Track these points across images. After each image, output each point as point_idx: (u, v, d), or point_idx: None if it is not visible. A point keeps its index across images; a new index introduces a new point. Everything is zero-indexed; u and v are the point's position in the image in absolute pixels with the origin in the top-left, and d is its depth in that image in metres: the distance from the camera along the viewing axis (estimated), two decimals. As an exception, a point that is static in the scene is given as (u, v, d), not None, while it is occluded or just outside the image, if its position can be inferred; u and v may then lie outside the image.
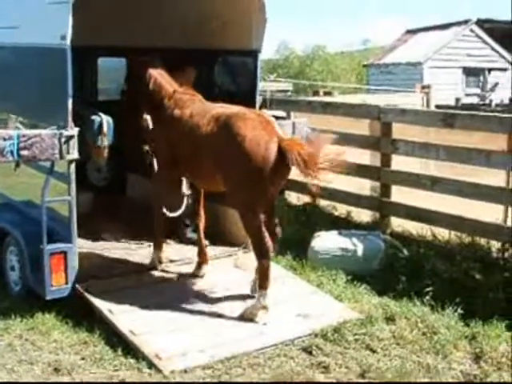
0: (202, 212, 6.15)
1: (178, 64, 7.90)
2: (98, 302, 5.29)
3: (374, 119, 7.90)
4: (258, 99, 6.77)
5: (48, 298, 5.38)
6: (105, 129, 5.72)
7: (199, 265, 6.09)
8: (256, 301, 5.27)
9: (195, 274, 6.03)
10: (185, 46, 7.28)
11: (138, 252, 6.51)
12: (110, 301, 5.31)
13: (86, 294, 5.39)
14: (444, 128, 7.13)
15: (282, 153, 5.03)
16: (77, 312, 5.35)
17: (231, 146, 5.15)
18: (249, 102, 6.57)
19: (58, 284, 5.40)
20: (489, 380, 4.38)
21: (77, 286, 5.47)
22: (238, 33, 6.72)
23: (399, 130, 7.74)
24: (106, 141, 5.75)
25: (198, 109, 5.73)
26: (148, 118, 6.14)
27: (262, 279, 5.26)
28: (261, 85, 7.16)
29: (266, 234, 5.21)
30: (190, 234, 6.85)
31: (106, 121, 5.75)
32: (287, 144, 5.06)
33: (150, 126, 6.11)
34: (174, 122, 5.79)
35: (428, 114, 8.11)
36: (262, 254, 5.23)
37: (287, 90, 23.84)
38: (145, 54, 8.25)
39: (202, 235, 6.12)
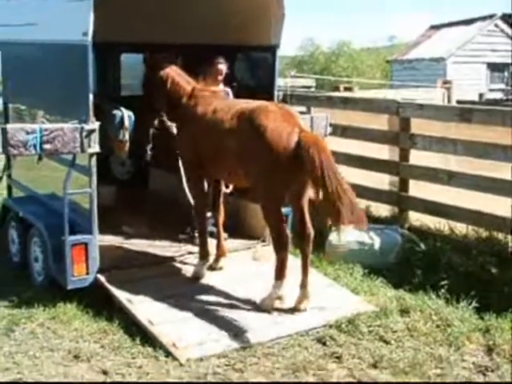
0: (221, 206, 6.21)
1: (197, 60, 8.07)
2: (117, 292, 5.42)
3: (393, 114, 7.92)
4: (277, 94, 6.85)
5: (69, 287, 5.53)
6: (126, 123, 5.87)
7: (217, 258, 6.15)
8: (272, 291, 5.32)
9: (213, 267, 6.09)
10: (205, 41, 7.37)
11: (159, 244, 6.62)
12: (129, 291, 5.44)
13: (107, 284, 5.53)
14: (461, 123, 7.15)
15: (299, 144, 5.02)
16: (97, 302, 5.47)
17: (253, 138, 5.17)
18: (267, 97, 6.65)
19: (79, 274, 5.54)
20: (500, 372, 4.42)
21: (97, 276, 5.60)
22: (257, 28, 6.79)
23: (419, 126, 7.77)
24: (127, 135, 5.90)
25: (222, 105, 5.73)
26: (172, 124, 6.23)
27: (279, 270, 5.31)
28: (283, 81, 7.24)
29: (286, 226, 5.26)
30: (210, 228, 6.92)
31: (127, 115, 5.90)
32: (304, 135, 5.07)
33: (174, 131, 6.20)
34: (198, 120, 5.78)
35: (445, 109, 8.12)
36: (280, 246, 5.28)
37: (310, 86, 23.80)
38: (165, 50, 8.44)
39: (221, 229, 6.19)
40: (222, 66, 6.64)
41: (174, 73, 6.08)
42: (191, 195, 6.29)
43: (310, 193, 5.30)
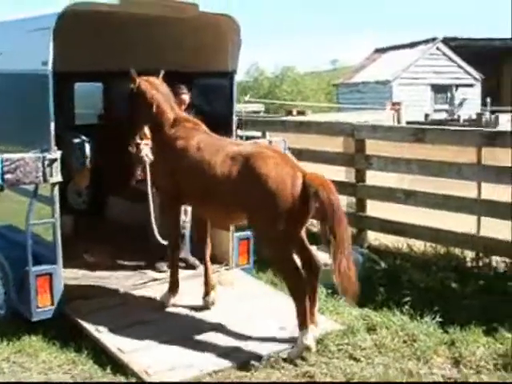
0: (208, 241, 5.94)
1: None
2: (84, 322, 5.36)
3: (348, 136, 8.10)
4: (235, 120, 6.93)
5: (34, 319, 5.42)
6: (87, 151, 5.85)
7: (207, 293, 5.88)
8: (299, 342, 5.02)
9: (206, 304, 5.83)
10: (161, 68, 7.42)
11: (122, 272, 6.57)
12: (96, 320, 5.38)
13: (73, 315, 5.46)
14: (415, 143, 7.36)
15: (306, 187, 4.89)
16: (64, 333, 5.40)
17: (256, 187, 4.94)
18: (225, 122, 6.74)
19: (43, 305, 5.45)
20: (469, 383, 4.54)
21: (63, 306, 5.53)
22: (214, 54, 6.87)
23: (373, 147, 7.95)
24: (87, 163, 5.88)
25: (206, 142, 5.49)
26: (147, 150, 6.06)
27: (302, 318, 5.00)
28: (237, 106, 7.31)
29: (301, 271, 5.03)
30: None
31: (87, 143, 5.89)
32: (309, 177, 4.93)
33: (149, 158, 6.04)
34: (179, 154, 5.53)
35: (399, 130, 8.36)
36: (299, 293, 4.99)
37: (259, 111, 24.07)
38: (121, 78, 8.47)
39: (209, 263, 5.95)
40: (185, 96, 6.63)
41: (160, 97, 5.80)
42: (167, 227, 6.00)
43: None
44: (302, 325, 5.00)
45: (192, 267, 6.66)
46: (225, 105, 6.94)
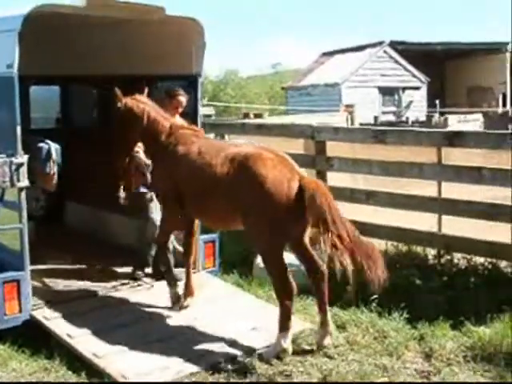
0: (192, 246, 6.03)
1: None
2: (55, 328, 5.30)
3: (308, 138, 8.19)
4: (200, 122, 6.93)
5: (1, 327, 5.33)
6: (53, 156, 5.78)
7: (184, 296, 5.90)
8: (276, 342, 5.05)
9: (181, 306, 5.84)
10: (122, 72, 7.37)
11: (88, 277, 6.52)
12: (67, 326, 5.34)
13: (43, 321, 5.39)
14: (376, 144, 7.50)
15: (301, 190, 4.90)
16: (33, 340, 5.31)
17: (252, 187, 4.97)
18: (191, 124, 6.73)
19: (11, 313, 5.38)
20: (441, 375, 4.66)
21: (32, 313, 5.45)
22: (177, 58, 6.85)
23: (333, 148, 8.06)
24: (54, 168, 5.81)
25: (206, 146, 5.50)
26: (141, 155, 6.11)
27: (284, 321, 5.04)
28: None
29: (289, 275, 5.08)
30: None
31: (54, 148, 5.82)
32: (305, 182, 4.96)
33: (147, 162, 6.05)
34: (179, 160, 5.53)
35: (360, 132, 8.48)
36: (285, 296, 5.04)
37: (210, 115, 24.06)
38: (81, 82, 8.37)
39: (191, 269, 6.00)
40: (183, 98, 6.47)
41: (149, 108, 5.85)
42: (160, 229, 5.99)
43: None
44: (283, 327, 5.03)
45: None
46: (190, 108, 6.94)
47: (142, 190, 6.43)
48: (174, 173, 5.55)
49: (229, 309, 5.92)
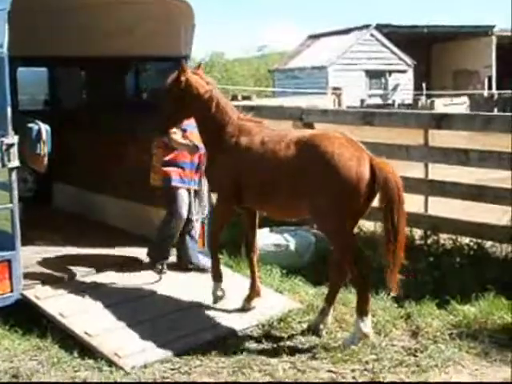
0: (255, 243, 5.73)
1: (102, 73, 8.05)
2: (47, 307, 5.34)
3: (297, 120, 8.24)
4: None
5: (-6, 306, 5.37)
6: (44, 136, 5.79)
7: (250, 297, 5.64)
8: (356, 328, 4.93)
9: (245, 307, 5.60)
10: (110, 54, 7.36)
11: (79, 257, 6.55)
12: (59, 305, 5.38)
13: (35, 300, 5.42)
14: (364, 126, 7.56)
15: (374, 171, 4.75)
16: (25, 320, 5.35)
17: (319, 166, 4.79)
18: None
19: (3, 292, 5.41)
20: (428, 352, 4.76)
21: (23, 292, 5.48)
22: (166, 39, 6.85)
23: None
24: (45, 148, 5.81)
25: (270, 135, 5.25)
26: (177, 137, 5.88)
27: (362, 304, 4.92)
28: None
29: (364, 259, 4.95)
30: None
31: (44, 129, 5.82)
32: (378, 163, 4.82)
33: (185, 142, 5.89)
34: (242, 151, 5.26)
35: (348, 114, 8.54)
36: (362, 277, 4.90)
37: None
38: (67, 64, 8.35)
39: (256, 268, 5.75)
40: None
41: (218, 94, 5.43)
42: (212, 222, 5.95)
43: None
44: (362, 311, 4.91)
45: (202, 270, 6.34)
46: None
47: (177, 183, 6.14)
48: (237, 165, 5.27)
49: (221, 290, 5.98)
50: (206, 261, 6.29)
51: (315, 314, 5.49)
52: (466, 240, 6.83)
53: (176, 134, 5.95)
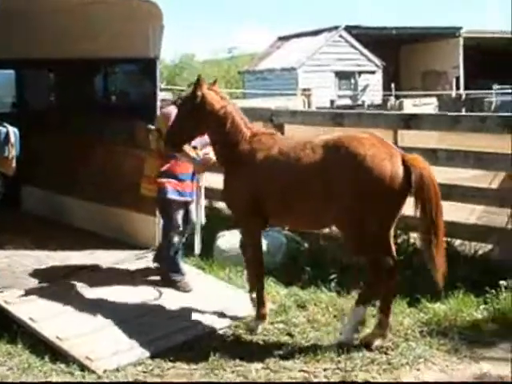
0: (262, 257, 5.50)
1: (70, 75, 7.99)
2: (17, 312, 5.27)
3: (267, 121, 8.25)
4: (158, 106, 6.93)
5: (-39, 312, 5.30)
6: (12, 139, 5.73)
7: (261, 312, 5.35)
8: (375, 328, 4.96)
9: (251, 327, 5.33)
10: (77, 56, 7.32)
11: (48, 261, 6.50)
12: (30, 309, 5.31)
13: (5, 305, 5.36)
14: (334, 127, 7.60)
15: (407, 168, 4.64)
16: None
17: (349, 169, 4.62)
18: (149, 108, 6.75)
19: (-31, 298, 5.34)
20: (399, 350, 4.81)
21: (-8, 297, 5.42)
22: (134, 41, 6.85)
23: (291, 131, 8.14)
24: (13, 151, 5.76)
25: (287, 144, 5.07)
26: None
27: (387, 304, 4.93)
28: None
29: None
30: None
31: (12, 131, 5.76)
32: (410, 159, 4.70)
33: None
34: (259, 165, 5.07)
35: (318, 115, 8.59)
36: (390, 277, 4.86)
37: (168, 99, 23.91)
38: (34, 66, 8.27)
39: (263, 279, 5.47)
40: None
41: (234, 111, 5.24)
42: (246, 244, 5.58)
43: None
44: (386, 312, 4.93)
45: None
46: (148, 91, 6.95)
47: (173, 196, 5.94)
48: (255, 180, 5.08)
49: (194, 290, 5.99)
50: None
51: (287, 314, 5.53)
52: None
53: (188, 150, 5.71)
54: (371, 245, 4.77)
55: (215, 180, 6.38)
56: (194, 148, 5.80)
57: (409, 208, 6.99)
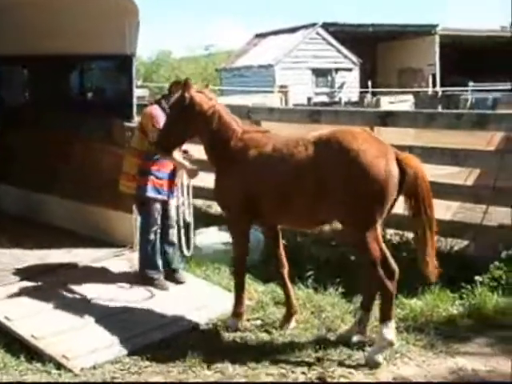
0: (283, 257, 5.46)
1: (45, 71, 7.92)
2: (-8, 312, 5.23)
3: (244, 119, 8.24)
4: (135, 103, 6.90)
5: None
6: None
7: (288, 317, 5.32)
8: (380, 337, 4.69)
9: (283, 327, 5.26)
10: (52, 52, 7.25)
11: (25, 260, 6.44)
12: (5, 308, 5.29)
13: (-22, 305, 5.31)
14: (311, 124, 7.62)
15: (401, 165, 4.61)
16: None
17: (343, 164, 4.56)
18: (126, 105, 6.72)
19: None
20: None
21: (-34, 297, 5.37)
22: (109, 37, 6.80)
23: (268, 128, 8.13)
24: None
25: (280, 141, 5.00)
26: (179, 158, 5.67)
27: (387, 308, 4.69)
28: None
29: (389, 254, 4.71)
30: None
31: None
32: (405, 157, 4.67)
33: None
34: (252, 163, 5.01)
35: (295, 112, 8.62)
36: (388, 281, 4.65)
37: (144, 97, 23.79)
38: (9, 62, 8.19)
39: (290, 284, 5.43)
40: None
41: (221, 109, 5.22)
42: (233, 242, 5.49)
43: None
44: (387, 315, 4.69)
45: (176, 281, 6.20)
46: (124, 89, 6.91)
47: (152, 194, 5.93)
48: (247, 178, 5.03)
49: (171, 288, 5.99)
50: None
51: (265, 311, 5.54)
52: (411, 235, 6.93)
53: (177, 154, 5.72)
54: (366, 241, 4.67)
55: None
56: (185, 152, 5.88)
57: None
